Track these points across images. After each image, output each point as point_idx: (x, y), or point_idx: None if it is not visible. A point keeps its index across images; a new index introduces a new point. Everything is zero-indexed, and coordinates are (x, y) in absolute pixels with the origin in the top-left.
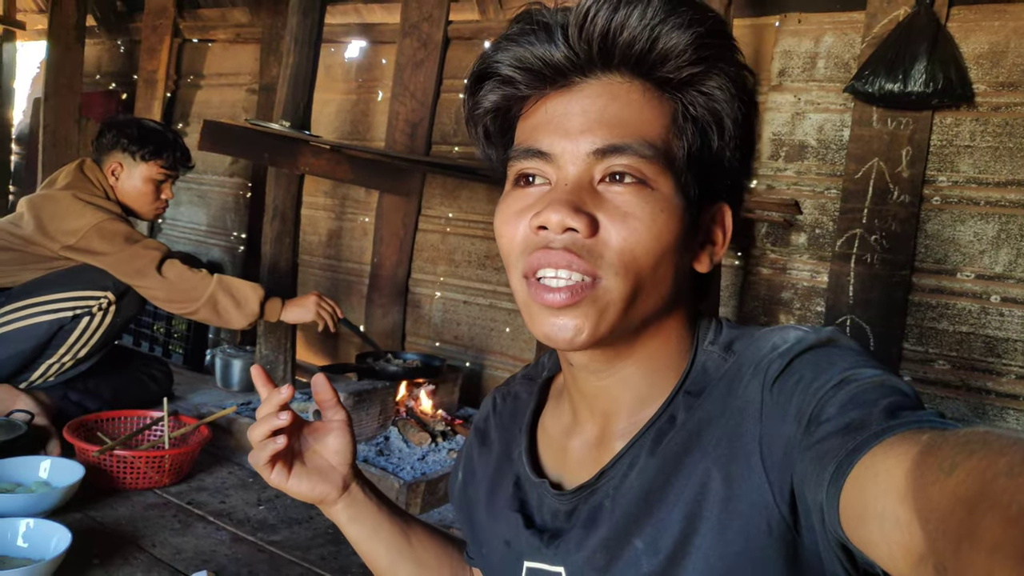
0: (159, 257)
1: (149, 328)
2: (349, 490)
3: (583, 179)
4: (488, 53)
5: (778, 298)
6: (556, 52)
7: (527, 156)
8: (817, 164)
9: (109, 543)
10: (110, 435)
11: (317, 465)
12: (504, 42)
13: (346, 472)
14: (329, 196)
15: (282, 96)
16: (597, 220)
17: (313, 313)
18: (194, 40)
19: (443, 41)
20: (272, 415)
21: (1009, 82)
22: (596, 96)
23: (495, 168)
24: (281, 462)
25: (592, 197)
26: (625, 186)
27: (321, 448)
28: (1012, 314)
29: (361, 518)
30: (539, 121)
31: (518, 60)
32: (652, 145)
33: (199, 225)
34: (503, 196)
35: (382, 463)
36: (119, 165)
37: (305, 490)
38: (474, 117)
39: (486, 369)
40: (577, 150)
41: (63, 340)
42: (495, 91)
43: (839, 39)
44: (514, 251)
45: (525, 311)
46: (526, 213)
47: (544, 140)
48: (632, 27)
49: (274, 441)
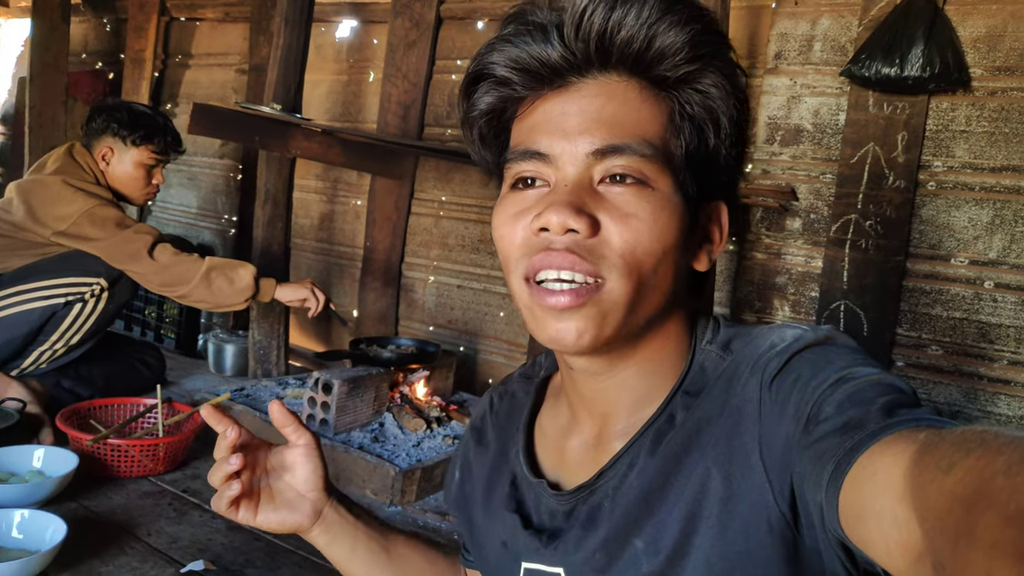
0: (151, 241)
1: (141, 313)
2: (323, 515)
3: (583, 180)
4: (483, 54)
5: (772, 283)
6: (552, 52)
7: (525, 158)
8: (812, 148)
9: (104, 533)
10: (103, 423)
11: (285, 496)
12: (499, 42)
13: (316, 498)
14: (321, 179)
15: (272, 78)
16: (598, 221)
17: (307, 291)
18: (182, 18)
19: (436, 21)
20: (224, 460)
21: (1006, 66)
22: (593, 96)
23: (490, 171)
24: (246, 500)
25: (592, 198)
26: (625, 186)
27: (289, 478)
28: (1005, 300)
29: (339, 540)
30: (536, 122)
31: (514, 61)
32: (651, 144)
33: (189, 208)
34: (500, 199)
35: (377, 450)
36: (109, 150)
37: (276, 524)
38: (469, 119)
39: (480, 354)
40: (576, 151)
41: (55, 327)
42: (491, 92)
43: (836, 22)
44: (514, 253)
45: (528, 315)
46: (525, 215)
47: (542, 141)
48: (629, 26)
49: (228, 487)
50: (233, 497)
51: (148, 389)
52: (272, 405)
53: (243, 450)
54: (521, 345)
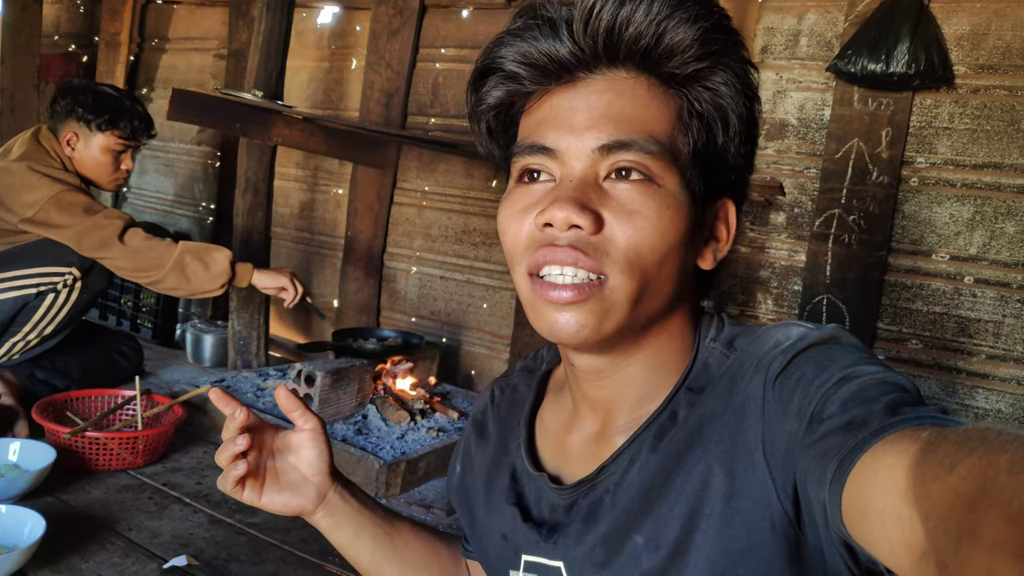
0: (121, 227)
1: (116, 302)
2: (327, 499)
3: (588, 175)
4: (492, 47)
5: (756, 276)
6: (561, 47)
7: (531, 152)
8: (797, 143)
9: (83, 528)
10: (80, 415)
11: (290, 479)
12: (508, 37)
13: (321, 481)
14: (301, 167)
15: (253, 64)
16: (602, 217)
17: (286, 279)
18: (159, 1)
19: (420, 8)
20: (231, 440)
21: (989, 64)
22: (601, 92)
23: (497, 165)
24: (251, 480)
25: (597, 194)
26: (631, 183)
27: (295, 460)
28: (984, 295)
29: (342, 525)
30: (543, 117)
31: (522, 55)
32: (658, 141)
33: (165, 194)
34: (507, 193)
35: (361, 442)
36: (74, 135)
37: (279, 506)
38: (477, 113)
39: (463, 345)
40: (582, 146)
41: (27, 318)
42: (499, 87)
43: (822, 17)
44: (519, 248)
45: (530, 308)
46: (531, 210)
47: (549, 136)
48: (638, 22)
49: (235, 467)
50: (239, 477)
51: (125, 380)
52: (279, 391)
53: (250, 432)
54: (504, 337)
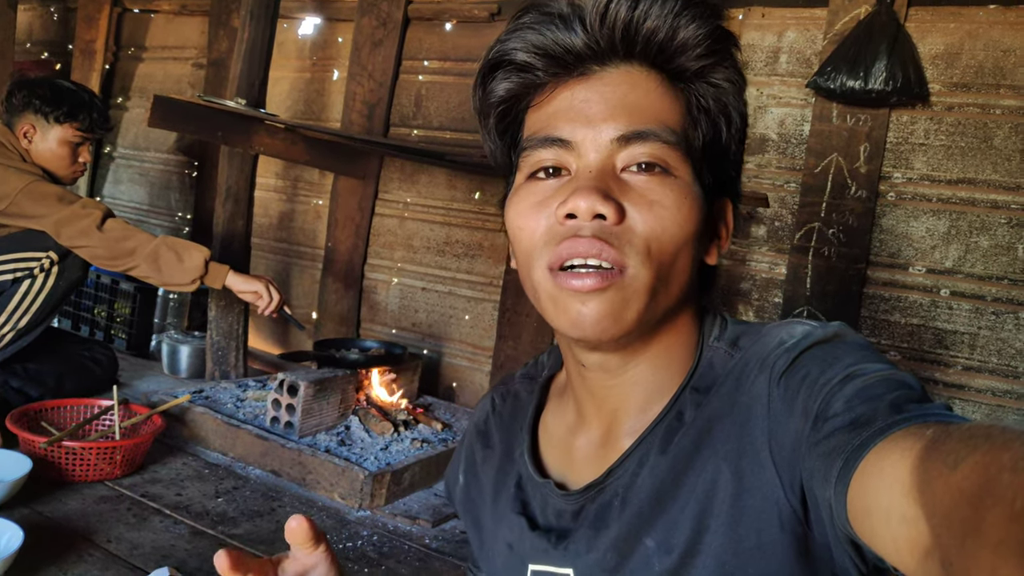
0: (100, 216)
1: (90, 312)
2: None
3: (607, 166)
4: (500, 42)
5: (737, 288)
6: (576, 39)
7: (545, 145)
8: (777, 158)
9: (61, 540)
10: (56, 424)
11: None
12: (518, 30)
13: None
14: (281, 178)
15: (236, 73)
16: (623, 207)
17: (262, 285)
18: (135, 10)
19: (403, 20)
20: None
21: (962, 83)
22: (616, 84)
23: (499, 163)
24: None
25: (617, 184)
26: (650, 174)
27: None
28: (960, 307)
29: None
30: (557, 109)
31: (536, 46)
32: (673, 131)
33: (140, 204)
34: (515, 189)
35: (344, 453)
36: (32, 127)
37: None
38: (485, 107)
39: (444, 357)
40: (599, 137)
41: (2, 307)
42: (510, 78)
43: (801, 35)
44: (537, 243)
45: (550, 303)
46: (548, 204)
47: (564, 128)
48: (655, 16)
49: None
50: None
51: (100, 389)
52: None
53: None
54: (486, 349)
